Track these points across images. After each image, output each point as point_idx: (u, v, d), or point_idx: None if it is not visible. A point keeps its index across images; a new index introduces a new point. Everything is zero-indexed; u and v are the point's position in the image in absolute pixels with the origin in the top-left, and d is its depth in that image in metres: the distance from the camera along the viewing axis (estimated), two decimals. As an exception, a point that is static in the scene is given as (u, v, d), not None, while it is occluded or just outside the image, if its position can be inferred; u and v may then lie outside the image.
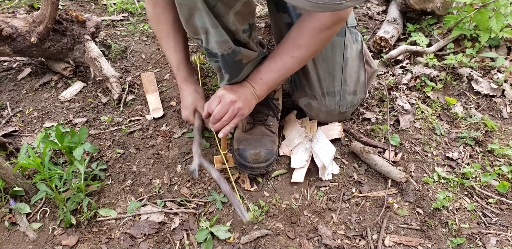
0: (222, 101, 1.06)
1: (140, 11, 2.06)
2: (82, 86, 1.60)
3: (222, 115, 1.06)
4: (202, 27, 0.93)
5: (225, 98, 1.05)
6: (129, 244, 1.09)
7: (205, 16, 0.89)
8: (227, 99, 1.05)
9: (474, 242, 1.11)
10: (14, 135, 1.41)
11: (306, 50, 1.06)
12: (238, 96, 1.06)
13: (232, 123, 1.08)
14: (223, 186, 1.02)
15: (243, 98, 1.07)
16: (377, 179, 1.26)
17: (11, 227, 1.14)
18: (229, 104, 1.05)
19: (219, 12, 0.90)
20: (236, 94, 1.07)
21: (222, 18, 0.91)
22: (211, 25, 0.91)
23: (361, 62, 1.29)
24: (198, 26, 0.93)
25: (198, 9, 0.88)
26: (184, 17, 0.94)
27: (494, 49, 1.72)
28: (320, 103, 1.30)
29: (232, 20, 0.93)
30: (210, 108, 1.07)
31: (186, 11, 0.91)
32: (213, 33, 0.92)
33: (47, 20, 1.44)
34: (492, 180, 1.25)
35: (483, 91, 1.54)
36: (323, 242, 1.09)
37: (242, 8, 0.92)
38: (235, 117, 1.08)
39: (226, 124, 1.08)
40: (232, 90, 1.07)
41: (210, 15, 0.89)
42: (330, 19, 1.00)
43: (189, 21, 0.94)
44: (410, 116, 1.44)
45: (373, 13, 2.03)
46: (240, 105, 1.06)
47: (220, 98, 1.06)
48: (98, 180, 1.26)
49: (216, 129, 1.09)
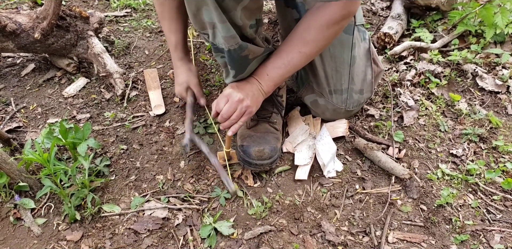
0: (230, 100, 1.05)
1: (143, 7, 2.05)
2: (86, 82, 1.61)
3: (230, 114, 1.06)
4: (210, 22, 0.92)
5: (232, 97, 1.05)
6: (133, 239, 1.10)
7: (213, 11, 0.88)
8: (235, 98, 1.05)
9: (478, 239, 1.10)
10: (18, 130, 1.42)
11: (314, 46, 1.05)
12: (245, 94, 1.06)
13: (240, 122, 1.08)
14: (212, 159, 1.11)
15: (250, 95, 1.07)
16: (381, 176, 1.26)
17: (16, 222, 1.14)
18: (237, 103, 1.05)
19: (227, 7, 0.89)
20: (244, 92, 1.06)
21: (229, 13, 0.91)
22: (218, 20, 0.90)
23: (368, 61, 1.28)
24: (206, 21, 0.93)
25: (206, 3, 0.88)
26: (191, 12, 0.93)
27: (499, 45, 1.71)
28: (326, 101, 1.29)
29: (240, 15, 0.92)
30: (218, 108, 1.07)
31: (194, 5, 0.90)
32: (220, 28, 0.92)
33: (50, 16, 1.44)
34: (496, 177, 1.24)
35: (487, 88, 1.54)
36: (326, 238, 1.09)
37: (250, 3, 0.92)
38: (243, 116, 1.08)
39: (235, 122, 1.08)
40: (239, 88, 1.07)
41: (218, 10, 0.88)
42: (340, 13, 0.99)
43: (197, 16, 0.93)
44: (414, 113, 1.43)
45: (377, 8, 2.02)
46: (248, 103, 1.06)
47: (227, 97, 1.06)
48: (102, 175, 1.26)
49: (225, 127, 1.09)
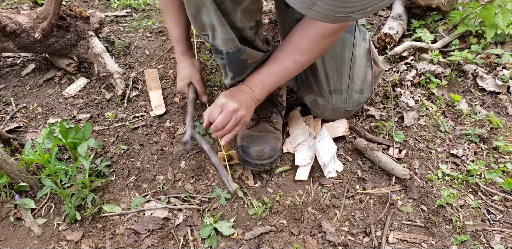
0: (224, 110, 1.04)
1: (144, 7, 2.05)
2: (86, 82, 1.61)
3: (224, 125, 1.05)
4: (209, 24, 0.92)
5: (227, 107, 1.04)
6: (133, 239, 1.10)
7: (213, 13, 0.88)
8: (229, 108, 1.03)
9: (478, 239, 1.10)
10: (19, 130, 1.42)
11: (309, 55, 1.05)
12: (239, 103, 1.05)
13: (234, 131, 1.07)
14: (213, 158, 1.07)
15: (244, 104, 1.06)
16: (381, 176, 1.26)
17: (16, 222, 1.14)
18: (231, 113, 1.04)
19: (226, 9, 0.89)
20: (238, 101, 1.05)
21: (229, 15, 0.91)
22: (218, 22, 0.90)
23: (369, 61, 1.28)
24: (205, 22, 0.93)
25: (205, 6, 0.88)
26: (191, 14, 0.93)
27: (500, 46, 1.71)
28: (326, 100, 1.29)
29: (239, 17, 0.92)
30: (212, 118, 1.05)
31: (194, 8, 0.90)
32: (220, 30, 0.92)
33: (51, 16, 1.44)
34: (496, 177, 1.24)
35: (488, 88, 1.54)
36: (326, 239, 1.09)
37: (249, 5, 0.92)
38: (237, 126, 1.07)
39: (228, 132, 1.07)
40: (233, 98, 1.06)
41: (217, 13, 0.88)
42: (336, 25, 0.98)
43: (196, 18, 0.93)
44: (415, 113, 1.43)
45: (377, 9, 2.02)
46: (243, 113, 1.05)
47: (222, 107, 1.04)
48: (102, 176, 1.26)
49: (217, 136, 1.08)
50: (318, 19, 0.67)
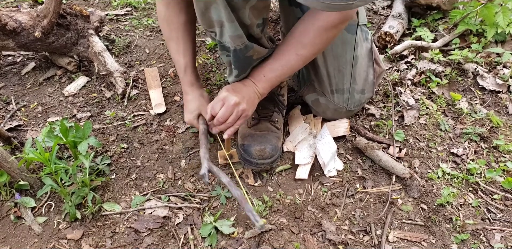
0: (226, 104, 1.04)
1: (144, 6, 2.05)
2: (86, 81, 1.61)
3: (226, 118, 1.05)
4: (218, 20, 0.92)
5: (228, 100, 1.04)
6: (134, 238, 1.10)
7: (222, 9, 0.88)
8: (231, 101, 1.04)
9: (479, 238, 1.10)
10: (19, 129, 1.42)
11: (311, 48, 1.05)
12: (241, 97, 1.05)
13: (236, 125, 1.07)
14: (233, 191, 0.98)
15: (246, 98, 1.06)
16: (381, 175, 1.26)
17: (16, 221, 1.14)
18: (233, 107, 1.04)
19: (236, 6, 0.89)
20: (240, 95, 1.05)
21: (238, 12, 0.91)
22: (227, 19, 0.90)
23: (370, 61, 1.28)
24: (214, 19, 0.92)
25: (215, 2, 0.87)
26: (199, 10, 0.92)
27: (500, 45, 1.71)
28: (328, 100, 1.29)
29: (248, 14, 0.92)
30: (214, 111, 1.06)
31: (203, 4, 0.90)
32: (228, 27, 0.92)
33: (51, 15, 1.44)
34: (497, 176, 1.24)
35: (488, 87, 1.53)
36: (327, 237, 1.09)
37: (258, 2, 0.92)
38: (239, 119, 1.07)
39: (231, 126, 1.07)
40: (235, 91, 1.06)
41: (227, 9, 0.88)
42: (337, 17, 0.98)
43: (205, 14, 0.93)
44: (415, 112, 1.43)
45: (378, 8, 2.02)
46: (245, 106, 1.05)
47: (223, 100, 1.05)
48: (102, 174, 1.26)
49: (220, 130, 1.08)
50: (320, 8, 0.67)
